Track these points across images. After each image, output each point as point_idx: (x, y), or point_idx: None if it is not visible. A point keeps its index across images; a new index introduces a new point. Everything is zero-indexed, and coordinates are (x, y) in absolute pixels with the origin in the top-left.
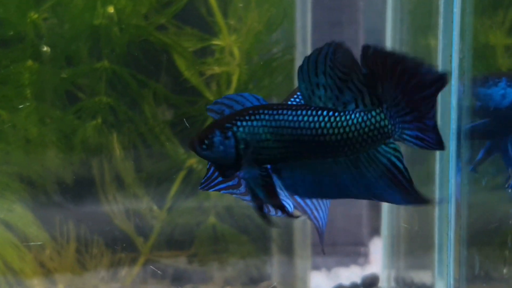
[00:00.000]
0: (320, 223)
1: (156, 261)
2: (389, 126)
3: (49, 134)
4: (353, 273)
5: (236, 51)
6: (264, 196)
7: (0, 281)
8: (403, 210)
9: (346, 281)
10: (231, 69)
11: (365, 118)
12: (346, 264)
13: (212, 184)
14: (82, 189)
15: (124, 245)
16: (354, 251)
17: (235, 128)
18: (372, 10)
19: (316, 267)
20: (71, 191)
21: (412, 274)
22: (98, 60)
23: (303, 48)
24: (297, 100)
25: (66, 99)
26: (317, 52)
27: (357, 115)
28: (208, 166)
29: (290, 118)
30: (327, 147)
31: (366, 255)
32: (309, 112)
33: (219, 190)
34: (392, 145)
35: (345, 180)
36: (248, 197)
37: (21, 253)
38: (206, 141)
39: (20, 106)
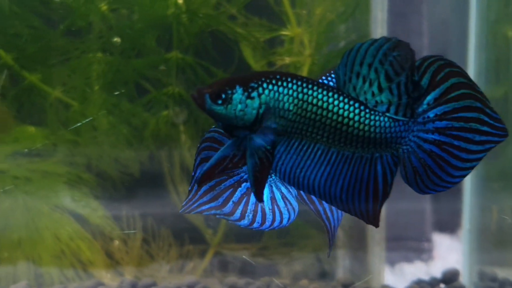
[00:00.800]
0: (332, 224)
1: (224, 254)
2: (406, 140)
3: (118, 125)
4: (417, 269)
5: (306, 41)
6: (253, 169)
7: (70, 272)
8: (494, 203)
9: (410, 277)
10: (301, 60)
11: (392, 125)
12: (410, 260)
13: (194, 206)
14: (150, 180)
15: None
16: (417, 246)
17: (260, 89)
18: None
19: None
20: (139, 182)
21: (497, 269)
22: (166, 51)
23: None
24: (326, 81)
25: (134, 90)
26: (370, 42)
27: (386, 119)
28: (190, 188)
29: (320, 96)
30: (343, 138)
31: (429, 251)
32: (340, 98)
33: (201, 212)
34: (395, 158)
35: (329, 174)
36: (233, 217)
37: (90, 244)
38: (223, 95)
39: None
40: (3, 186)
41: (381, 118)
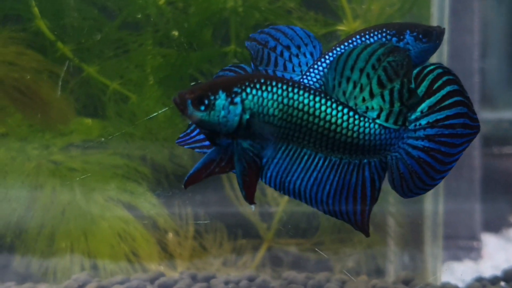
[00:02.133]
0: None
1: (277, 248)
2: (395, 147)
3: (174, 118)
4: (467, 267)
5: None
6: (241, 173)
7: (124, 264)
8: None
9: (460, 276)
10: None
11: (382, 132)
12: (459, 258)
13: (190, 141)
14: None
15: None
16: (467, 245)
17: (244, 95)
18: None
19: None
20: None
21: None
22: (220, 45)
23: None
24: (354, 43)
25: (189, 84)
26: (363, 47)
27: (376, 126)
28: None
29: (306, 101)
30: (330, 143)
31: (478, 250)
32: (328, 103)
33: (193, 148)
34: (383, 164)
35: (316, 179)
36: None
37: (144, 236)
38: (205, 101)
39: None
40: (60, 177)
41: (371, 125)
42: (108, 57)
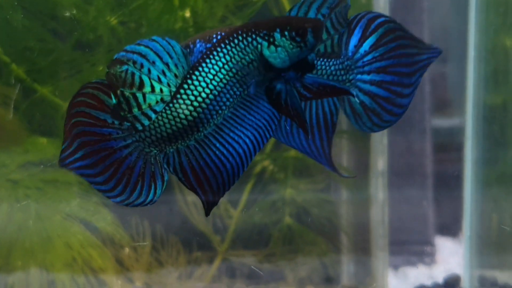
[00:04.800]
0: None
1: (231, 260)
2: (347, 83)
3: None
4: (421, 273)
5: None
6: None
7: (81, 279)
8: (493, 210)
9: (413, 281)
10: None
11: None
12: (413, 263)
13: (69, 160)
14: None
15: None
16: (420, 250)
17: None
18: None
19: None
20: None
21: (498, 274)
22: None
23: None
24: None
25: None
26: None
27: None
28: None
29: None
30: None
31: (432, 254)
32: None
33: (73, 169)
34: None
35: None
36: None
37: (101, 252)
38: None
39: None
40: (15, 196)
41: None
42: (63, 78)
